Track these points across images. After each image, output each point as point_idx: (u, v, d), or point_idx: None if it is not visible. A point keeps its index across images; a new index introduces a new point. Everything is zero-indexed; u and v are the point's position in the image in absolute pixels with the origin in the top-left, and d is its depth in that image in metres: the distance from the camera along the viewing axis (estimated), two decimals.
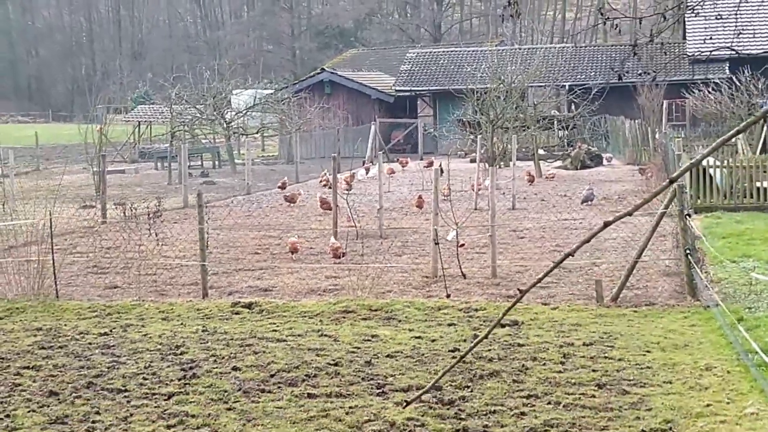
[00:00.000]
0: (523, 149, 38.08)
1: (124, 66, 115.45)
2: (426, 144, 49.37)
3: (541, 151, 38.59)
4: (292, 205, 27.64)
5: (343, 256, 18.08)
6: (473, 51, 54.59)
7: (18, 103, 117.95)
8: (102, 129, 33.10)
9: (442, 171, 34.64)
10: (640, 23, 14.30)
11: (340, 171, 37.71)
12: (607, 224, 3.50)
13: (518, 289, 6.33)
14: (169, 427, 9.12)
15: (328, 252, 18.71)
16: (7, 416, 9.44)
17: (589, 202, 26.10)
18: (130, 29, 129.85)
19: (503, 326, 12.83)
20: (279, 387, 10.31)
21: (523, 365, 11.01)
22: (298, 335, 12.49)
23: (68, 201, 26.78)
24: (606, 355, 11.41)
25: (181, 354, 11.60)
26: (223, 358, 11.39)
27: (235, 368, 10.95)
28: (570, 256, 3.50)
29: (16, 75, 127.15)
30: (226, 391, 10.14)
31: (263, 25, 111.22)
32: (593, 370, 10.75)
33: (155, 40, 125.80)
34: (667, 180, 3.66)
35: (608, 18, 12.22)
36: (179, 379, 10.56)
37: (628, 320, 13.25)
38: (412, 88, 53.51)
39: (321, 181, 32.05)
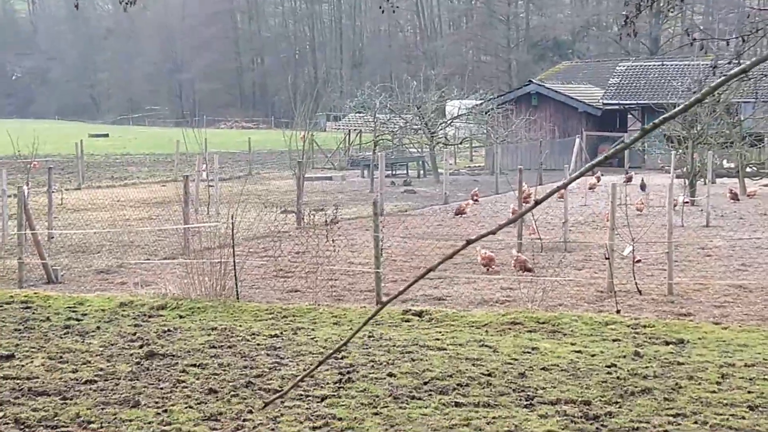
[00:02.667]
0: (727, 166, 37.06)
1: (345, 75, 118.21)
2: (632, 158, 48.64)
3: (749, 169, 37.47)
4: (462, 216, 27.87)
5: (529, 271, 17.99)
6: (683, 65, 53.40)
7: (242, 109, 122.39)
8: (305, 137, 34.07)
9: (644, 186, 34.32)
10: None
11: (542, 183, 37.77)
12: (469, 242, 3.58)
13: (380, 302, 6.37)
14: (314, 428, 9.48)
15: (513, 265, 18.65)
16: (165, 411, 10.00)
17: None
18: (351, 39, 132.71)
19: (668, 344, 12.74)
20: (429, 394, 10.55)
21: (677, 384, 10.90)
22: (459, 344, 12.70)
23: (271, 206, 27.76)
24: (766, 377, 11.16)
25: (342, 358, 11.98)
26: (381, 363, 11.72)
27: (390, 374, 11.25)
28: (432, 271, 3.59)
29: (242, 82, 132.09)
30: (377, 396, 10.45)
31: (479, 36, 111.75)
32: (749, 392, 10.56)
33: (375, 49, 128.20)
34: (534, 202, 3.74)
35: None
36: (335, 383, 10.93)
37: None
38: (620, 102, 52.80)
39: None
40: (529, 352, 12.32)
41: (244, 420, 9.72)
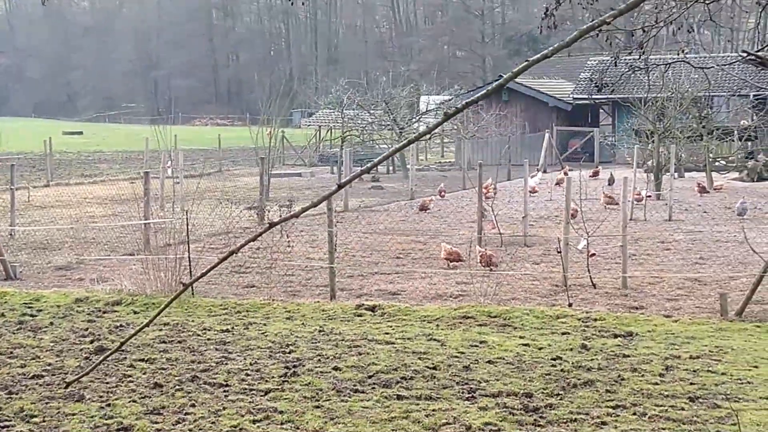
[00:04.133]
0: (693, 159, 37.33)
1: (320, 71, 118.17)
2: (603, 153, 48.85)
3: (717, 163, 37.73)
4: (426, 212, 27.98)
5: (495, 267, 18.01)
6: (656, 59, 53.52)
7: (218, 106, 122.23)
8: (272, 133, 34.16)
9: (612, 180, 34.51)
10: None
11: (510, 179, 37.94)
12: (272, 225, 3.69)
13: (181, 282, 6.47)
14: (254, 422, 9.57)
15: (479, 261, 18.53)
16: (108, 405, 10.07)
17: (743, 216, 25.47)
18: (326, 35, 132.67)
19: (616, 336, 12.89)
20: (373, 388, 10.65)
21: (620, 376, 11.03)
22: (408, 338, 12.80)
23: (236, 202, 27.80)
24: (710, 369, 11.31)
25: (289, 352, 12.08)
26: (327, 357, 11.82)
27: (336, 368, 11.35)
28: (234, 254, 3.70)
29: (217, 79, 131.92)
30: (321, 390, 10.54)
31: (454, 32, 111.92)
32: (691, 383, 10.70)
33: (350, 45, 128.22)
34: (336, 185, 3.84)
35: None
36: (280, 377, 11.02)
37: (748, 335, 13.05)
38: (591, 96, 53.00)
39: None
40: (476, 346, 12.44)
41: (186, 414, 9.80)
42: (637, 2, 3.60)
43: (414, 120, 48.06)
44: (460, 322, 13.88)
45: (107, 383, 10.84)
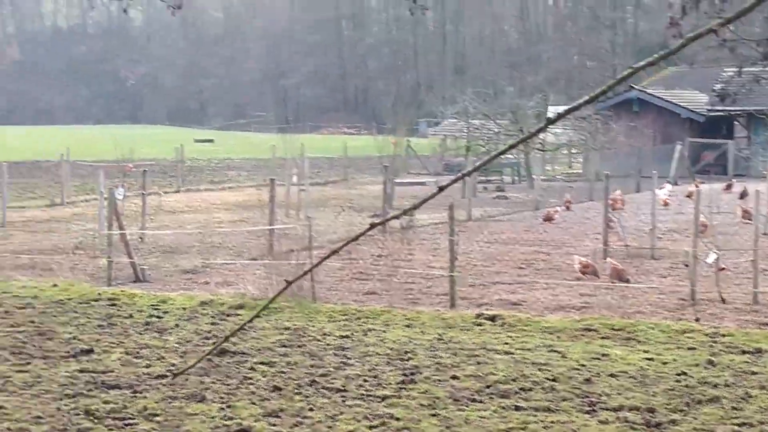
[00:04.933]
0: None
1: (447, 80, 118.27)
2: (737, 167, 47.73)
3: None
4: (551, 223, 27.67)
5: (626, 282, 17.70)
6: None
7: (345, 115, 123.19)
8: (397, 142, 34.30)
9: (745, 194, 33.64)
10: None
11: (639, 191, 37.32)
12: (373, 225, 3.66)
13: (285, 280, 6.44)
14: (370, 427, 9.59)
15: (609, 274, 18.22)
16: (229, 407, 10.21)
17: None
18: (454, 44, 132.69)
19: (744, 353, 12.56)
20: (491, 397, 10.57)
21: (747, 393, 10.75)
22: (528, 349, 12.68)
23: (360, 210, 27.98)
24: None
25: (407, 360, 12.08)
26: (445, 366, 11.78)
27: (453, 377, 11.31)
28: (336, 254, 3.70)
29: (345, 88, 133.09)
30: (438, 398, 10.51)
31: (583, 41, 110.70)
32: None
33: (478, 55, 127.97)
34: (437, 188, 3.77)
35: None
36: (397, 383, 11.03)
37: None
38: (726, 108, 51.81)
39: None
40: (598, 359, 12.25)
41: (304, 417, 9.88)
42: (743, 12, 3.49)
43: (542, 129, 47.49)
44: (582, 334, 13.70)
45: (228, 385, 10.99)
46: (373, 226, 3.65)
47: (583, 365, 11.91)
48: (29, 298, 16.11)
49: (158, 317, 14.78)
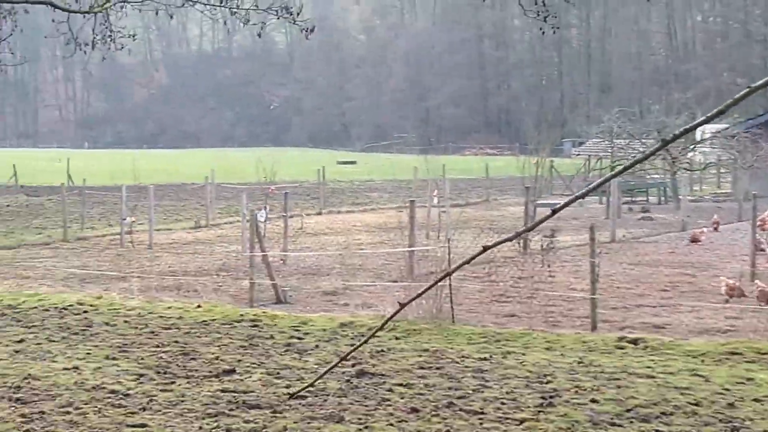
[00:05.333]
0: None
1: (592, 99, 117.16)
2: None
3: None
4: (697, 244, 27.04)
5: None
6: None
7: (487, 135, 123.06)
8: (539, 162, 34.08)
9: None
10: None
11: None
12: (485, 248, 3.59)
13: (398, 302, 6.28)
14: None
15: (756, 297, 17.73)
16: (367, 428, 10.26)
17: None
18: (599, 63, 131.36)
19: None
20: (631, 422, 10.39)
21: None
22: (670, 373, 12.43)
23: (500, 231, 27.84)
24: None
25: (546, 383, 11.96)
26: (585, 389, 11.62)
27: (593, 400, 11.15)
28: (449, 276, 3.65)
29: (487, 108, 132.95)
30: (576, 422, 10.38)
31: (734, 58, 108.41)
32: None
33: (624, 72, 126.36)
34: (551, 210, 3.69)
35: None
36: (536, 407, 10.93)
37: None
38: None
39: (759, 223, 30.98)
40: (743, 383, 11.93)
41: None
42: None
43: (688, 149, 46.74)
44: (727, 358, 13.36)
45: (366, 406, 11.04)
46: (485, 249, 3.63)
47: (726, 390, 11.62)
48: (174, 318, 16.51)
49: (299, 338, 14.95)
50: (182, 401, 11.33)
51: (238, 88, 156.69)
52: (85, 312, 17.20)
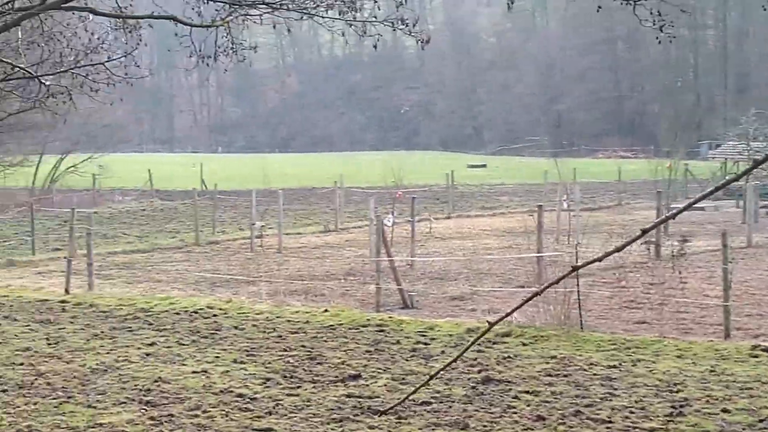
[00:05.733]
0: None
1: (728, 101, 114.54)
2: None
3: None
4: None
5: None
6: None
7: (620, 138, 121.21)
8: (672, 165, 33.40)
9: None
10: None
11: None
12: (575, 268, 3.41)
13: (487, 321, 6.01)
14: None
15: None
16: None
17: None
18: (736, 63, 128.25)
19: None
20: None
21: None
22: None
23: (630, 236, 27.34)
24: None
25: (676, 392, 11.67)
26: (716, 399, 11.31)
27: (724, 410, 10.85)
28: (538, 295, 3.49)
29: (620, 111, 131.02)
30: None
31: None
32: None
33: (762, 74, 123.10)
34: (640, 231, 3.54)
35: None
36: (665, 416, 10.67)
37: None
38: None
39: None
40: None
41: None
42: None
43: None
44: None
45: (491, 413, 10.94)
46: (574, 269, 3.51)
47: None
48: (301, 322, 16.63)
49: (425, 344, 14.90)
50: (308, 406, 11.38)
51: (368, 93, 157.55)
52: (215, 315, 17.47)
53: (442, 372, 12.01)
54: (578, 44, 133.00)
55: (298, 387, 12.28)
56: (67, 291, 20.57)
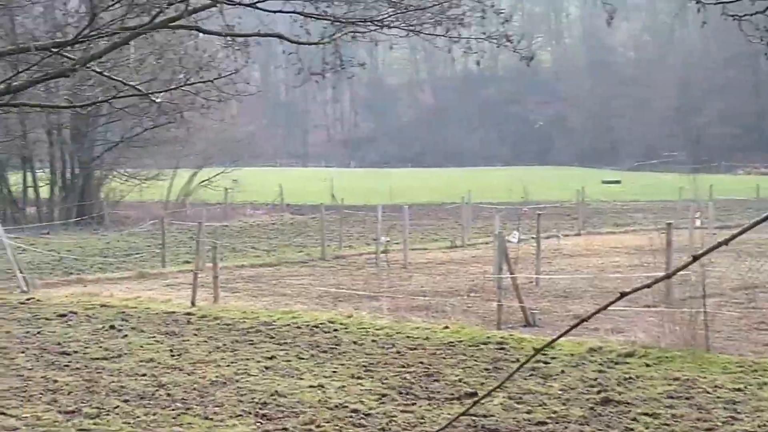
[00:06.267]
0: None
1: None
2: None
3: None
4: None
5: None
6: None
7: (762, 154, 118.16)
8: None
9: None
10: None
11: None
12: (624, 294, 3.22)
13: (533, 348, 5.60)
14: None
15: None
16: None
17: None
18: None
19: None
20: None
21: None
22: None
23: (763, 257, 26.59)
24: None
25: None
26: None
27: None
28: (585, 322, 3.28)
29: (762, 126, 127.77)
30: None
31: None
32: None
33: None
34: (691, 257, 3.32)
35: None
36: None
37: None
38: None
39: None
40: None
41: None
42: None
43: None
44: None
45: None
46: (623, 295, 3.36)
47: None
48: (421, 339, 16.54)
49: (545, 363, 14.66)
50: (422, 423, 11.30)
51: (502, 107, 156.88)
52: (335, 330, 17.52)
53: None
54: (718, 58, 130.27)
55: (413, 404, 12.20)
56: (193, 303, 20.91)
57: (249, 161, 73.17)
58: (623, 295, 3.43)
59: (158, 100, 11.82)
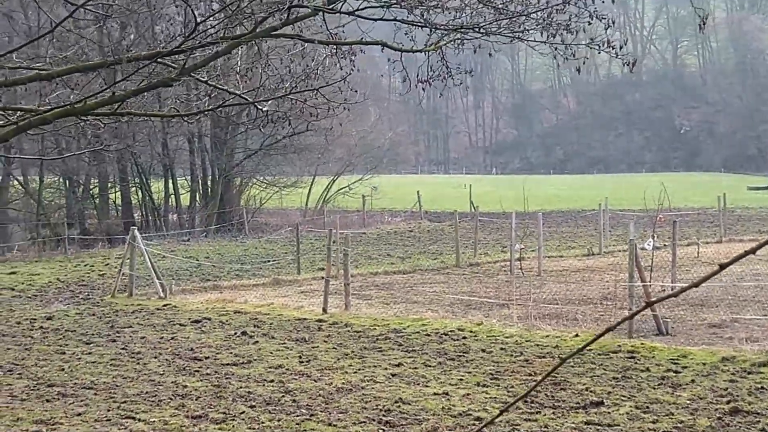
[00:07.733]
0: None
1: None
2: None
3: None
4: None
5: None
6: None
7: None
8: None
9: None
10: None
11: None
12: (648, 304, 3.09)
13: (559, 357, 5.32)
14: None
15: None
16: None
17: None
18: None
19: None
20: None
21: None
22: None
23: None
24: None
25: None
26: None
27: None
28: (611, 331, 3.16)
29: None
30: None
31: None
32: None
33: None
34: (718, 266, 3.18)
35: None
36: None
37: None
38: None
39: None
40: None
41: None
42: None
43: None
44: None
45: None
46: (648, 304, 3.30)
47: None
48: (550, 347, 16.42)
49: (675, 372, 14.41)
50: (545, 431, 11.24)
51: (647, 112, 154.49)
52: (464, 338, 17.52)
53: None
54: None
55: (538, 412, 12.14)
56: (324, 310, 21.14)
57: (389, 168, 73.57)
58: (648, 304, 3.39)
59: (265, 109, 11.99)
